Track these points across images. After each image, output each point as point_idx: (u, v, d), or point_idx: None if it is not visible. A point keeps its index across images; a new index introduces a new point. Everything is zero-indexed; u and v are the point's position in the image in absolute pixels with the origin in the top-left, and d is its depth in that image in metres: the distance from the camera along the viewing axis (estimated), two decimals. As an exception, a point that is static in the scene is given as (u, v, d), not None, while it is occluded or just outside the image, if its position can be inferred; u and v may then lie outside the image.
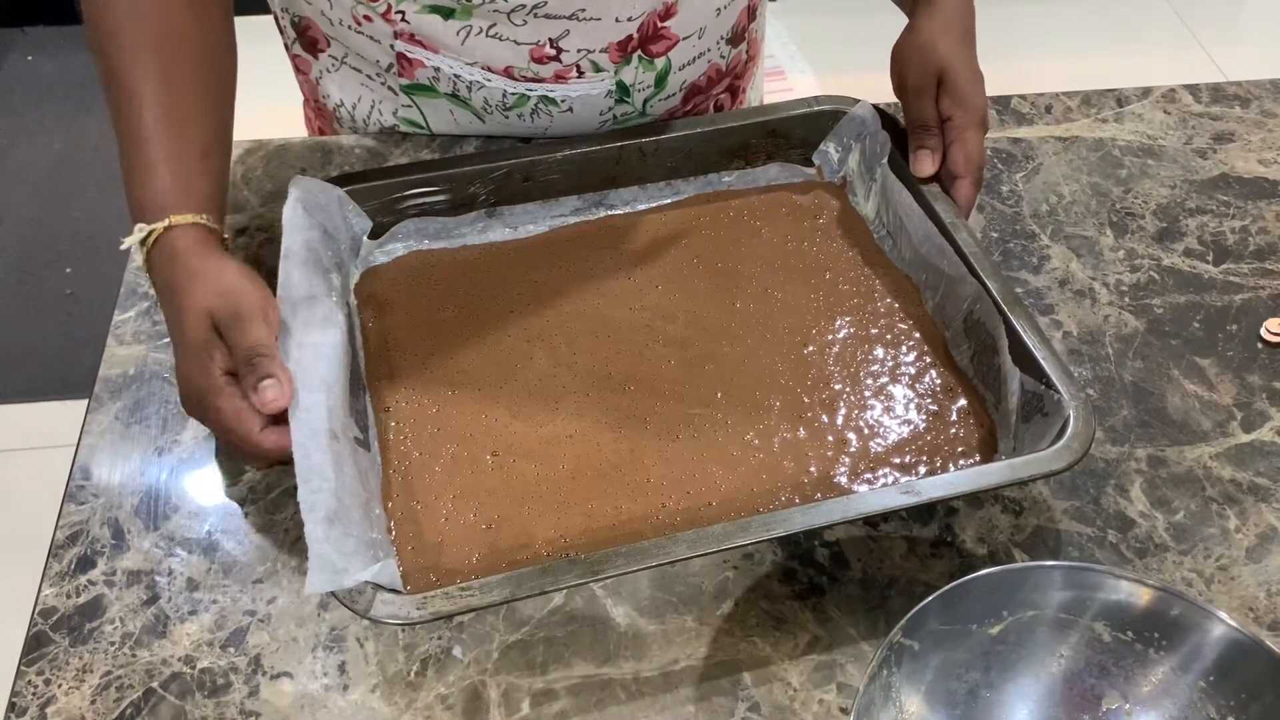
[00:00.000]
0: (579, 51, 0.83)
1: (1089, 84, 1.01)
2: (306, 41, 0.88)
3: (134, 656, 0.62)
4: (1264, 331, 0.80)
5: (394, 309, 0.76)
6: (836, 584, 0.66)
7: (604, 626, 0.64)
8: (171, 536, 0.67)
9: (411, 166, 0.82)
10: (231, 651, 0.62)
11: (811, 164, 0.87)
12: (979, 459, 0.69)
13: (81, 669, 0.61)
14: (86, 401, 0.73)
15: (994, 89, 1.01)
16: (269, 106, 1.39)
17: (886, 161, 0.81)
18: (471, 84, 0.84)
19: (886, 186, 0.81)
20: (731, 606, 0.65)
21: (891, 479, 0.68)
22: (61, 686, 0.61)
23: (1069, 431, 0.64)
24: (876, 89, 0.86)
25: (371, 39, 0.83)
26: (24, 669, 0.61)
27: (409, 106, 0.88)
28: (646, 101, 0.89)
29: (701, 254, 0.81)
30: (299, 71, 0.93)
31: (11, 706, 0.60)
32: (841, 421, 0.71)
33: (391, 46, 0.83)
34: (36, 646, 0.62)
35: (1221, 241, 0.87)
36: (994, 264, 0.73)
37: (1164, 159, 0.94)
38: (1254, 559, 0.68)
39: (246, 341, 0.61)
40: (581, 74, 0.84)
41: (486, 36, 0.81)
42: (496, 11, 0.79)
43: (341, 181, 0.77)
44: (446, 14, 0.80)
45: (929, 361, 0.74)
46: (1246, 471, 0.72)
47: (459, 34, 0.81)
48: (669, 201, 0.85)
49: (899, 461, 0.69)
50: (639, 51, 0.84)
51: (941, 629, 0.57)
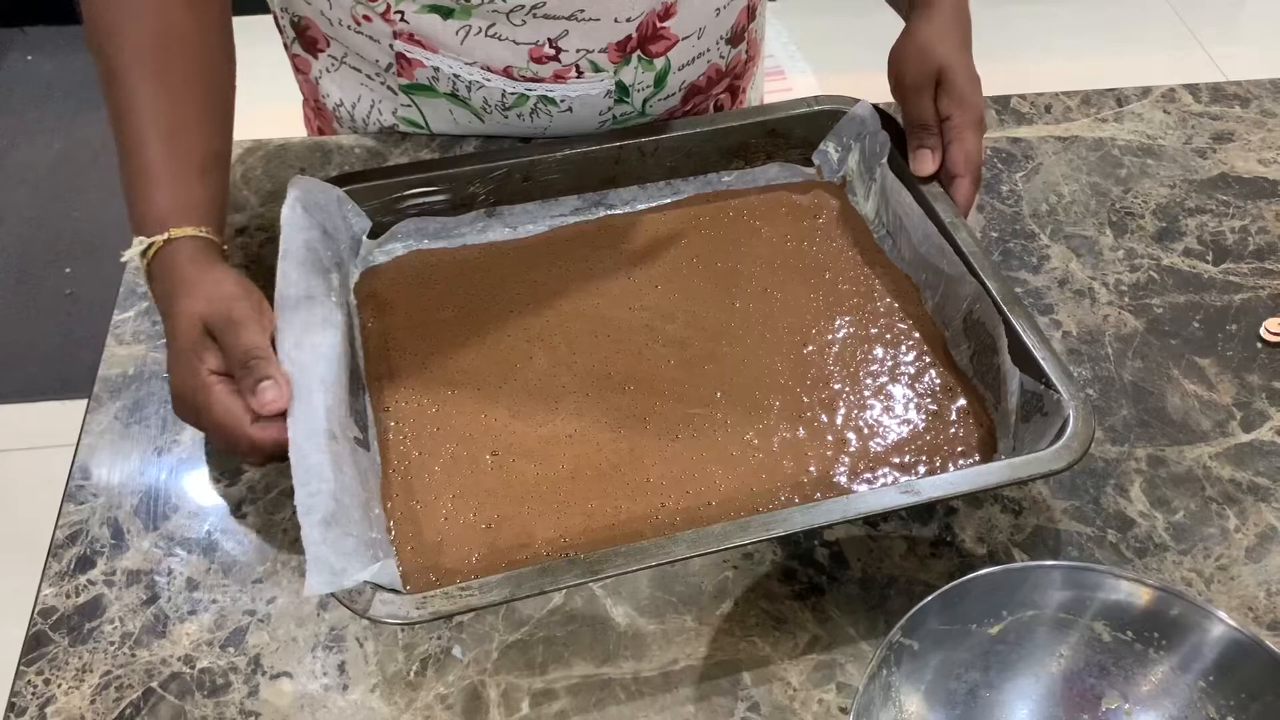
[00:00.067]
0: (578, 51, 0.83)
1: (1089, 84, 1.01)
2: (306, 41, 0.88)
3: (133, 656, 0.62)
4: (1264, 331, 0.80)
5: (393, 308, 0.76)
6: (836, 584, 0.66)
7: (604, 626, 0.64)
8: (171, 536, 0.67)
9: (411, 166, 0.82)
10: (231, 651, 0.62)
11: (811, 164, 0.87)
12: (978, 459, 0.69)
13: (81, 669, 0.61)
14: (86, 401, 0.73)
15: (993, 89, 1.01)
16: (269, 106, 1.39)
17: (886, 161, 0.81)
18: (471, 84, 0.84)
19: (886, 186, 0.81)
20: (731, 606, 0.65)
21: (891, 479, 0.68)
22: (61, 686, 0.61)
23: (1068, 431, 0.64)
24: (876, 89, 0.86)
25: (371, 39, 0.83)
26: (23, 669, 0.61)
27: (408, 106, 0.88)
28: (646, 101, 0.89)
29: (701, 254, 0.81)
30: (298, 71, 0.93)
31: (11, 706, 0.60)
32: (841, 421, 0.70)
33: (391, 46, 0.83)
34: (36, 646, 0.62)
35: (1221, 241, 0.87)
36: (994, 264, 0.73)
37: (1164, 159, 0.94)
38: (1253, 559, 0.68)
39: (242, 345, 0.61)
40: (581, 74, 0.84)
41: (486, 36, 0.81)
42: (495, 11, 0.79)
43: (341, 181, 0.77)
44: (445, 14, 0.80)
45: (928, 361, 0.74)
46: (1246, 471, 0.72)
47: (458, 34, 0.81)
48: (668, 201, 0.85)
49: (898, 461, 0.68)
50: (638, 51, 0.84)
51: (941, 629, 0.57)
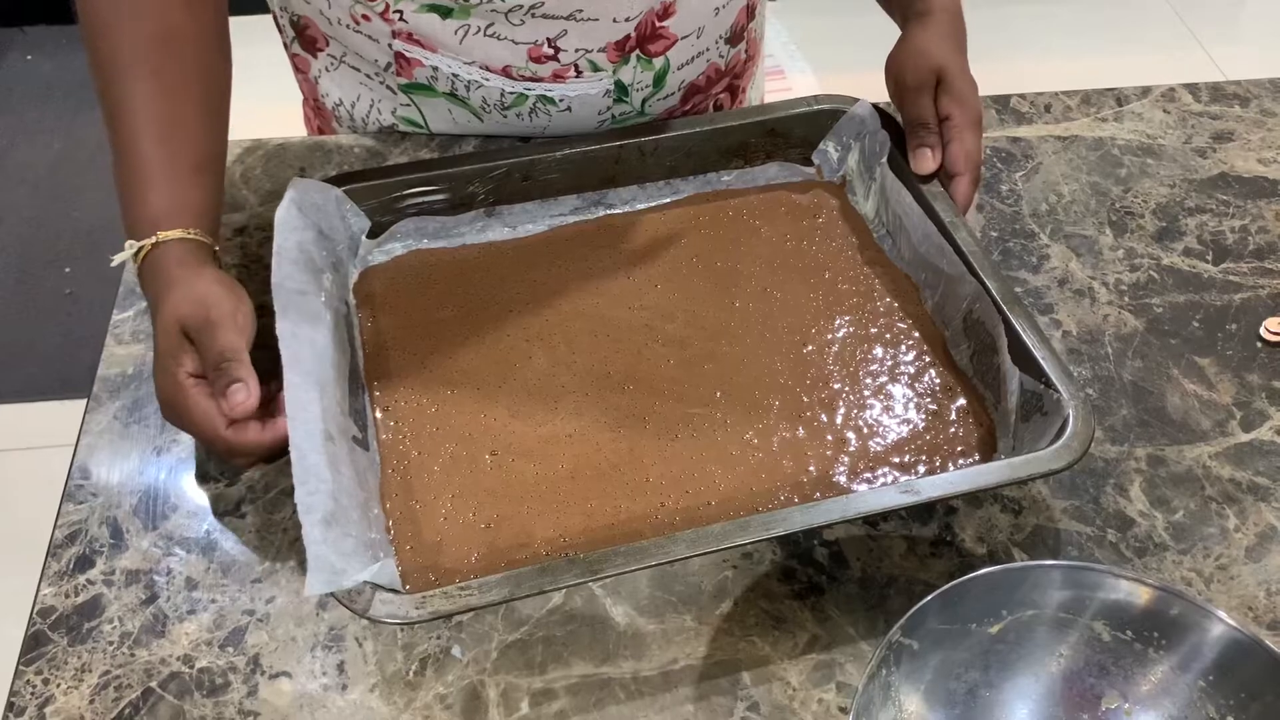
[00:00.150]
0: (577, 51, 0.83)
1: (1089, 84, 1.01)
2: (305, 40, 0.88)
3: (132, 656, 0.62)
4: (1263, 331, 0.80)
5: (393, 308, 0.76)
6: (836, 583, 0.66)
7: (603, 626, 0.64)
8: (170, 536, 0.67)
9: (410, 166, 0.81)
10: (230, 651, 0.62)
11: (811, 163, 0.87)
12: (978, 458, 0.69)
13: (80, 669, 0.61)
14: (85, 401, 0.73)
15: (993, 89, 1.01)
16: (268, 106, 1.39)
17: (886, 161, 0.81)
18: (470, 83, 0.84)
19: (886, 186, 0.81)
20: (731, 606, 0.65)
21: (891, 478, 0.67)
22: (60, 686, 0.61)
23: (1068, 431, 0.64)
24: (876, 89, 0.86)
25: (370, 38, 0.83)
26: (22, 669, 0.61)
27: (407, 105, 0.88)
28: (645, 101, 0.89)
29: (700, 253, 0.81)
30: (298, 70, 0.93)
31: (10, 706, 0.60)
32: (841, 421, 0.70)
33: (390, 45, 0.83)
34: (35, 646, 0.62)
35: (1221, 241, 0.87)
36: (993, 263, 0.73)
37: (1163, 158, 0.94)
38: (1253, 558, 0.68)
39: (216, 347, 0.62)
40: (580, 73, 0.84)
41: (484, 36, 0.81)
42: (494, 11, 0.79)
43: (340, 181, 0.77)
44: (444, 13, 0.80)
45: (928, 361, 0.74)
46: (1246, 471, 0.72)
47: (457, 33, 0.81)
48: (668, 201, 0.84)
49: (898, 461, 0.68)
50: (637, 51, 0.84)
51: (941, 628, 0.57)
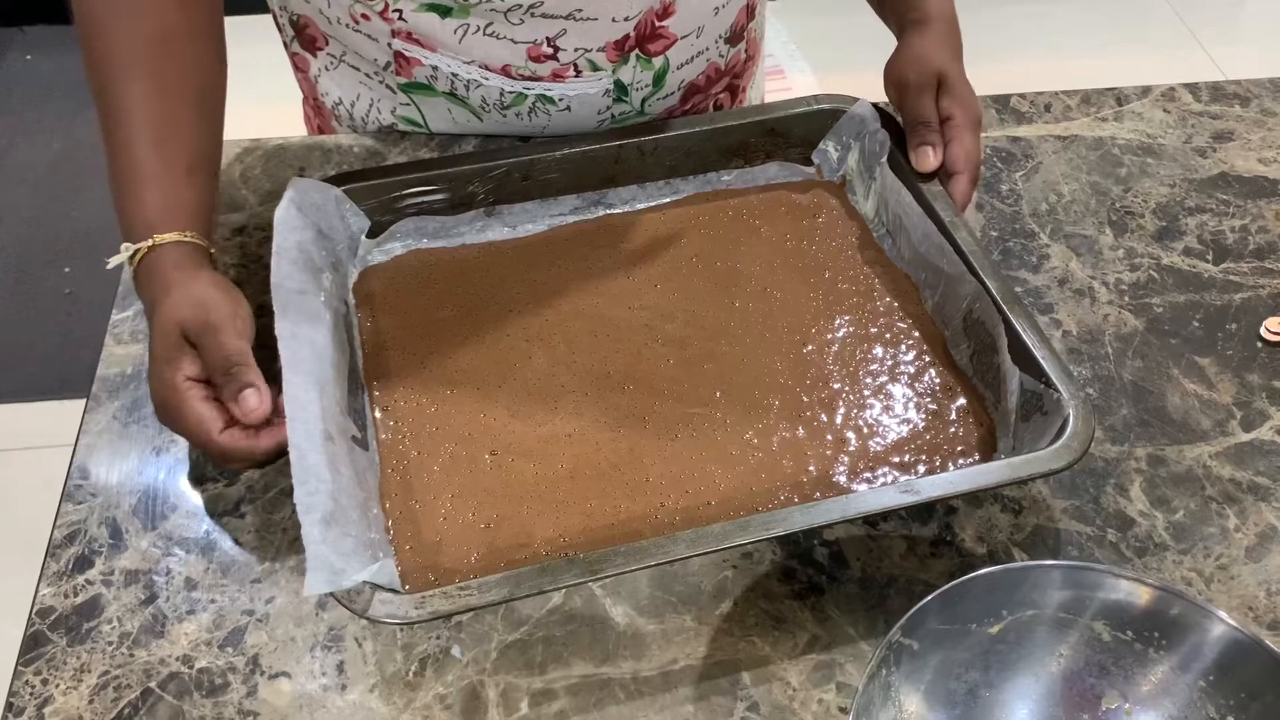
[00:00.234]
0: (576, 50, 0.83)
1: (1089, 83, 1.01)
2: (305, 40, 0.88)
3: (132, 656, 0.62)
4: (1264, 330, 0.80)
5: (392, 308, 0.76)
6: (836, 583, 0.66)
7: (603, 626, 0.64)
8: (169, 536, 0.67)
9: (410, 165, 0.81)
10: (230, 651, 0.62)
11: (811, 163, 0.87)
12: (978, 458, 0.68)
13: (79, 669, 0.61)
14: (85, 401, 0.73)
15: (993, 88, 1.01)
16: (267, 105, 1.39)
17: (886, 160, 0.81)
18: (469, 82, 0.84)
19: (886, 185, 0.81)
20: (730, 606, 0.64)
21: (891, 478, 0.67)
22: (59, 686, 0.61)
23: (1068, 430, 0.63)
24: (876, 89, 0.86)
25: (369, 37, 0.83)
26: (21, 669, 0.61)
27: (407, 105, 0.88)
28: (645, 100, 0.89)
29: (700, 253, 0.81)
30: (297, 70, 0.93)
31: (9, 706, 0.60)
32: (841, 420, 0.70)
33: (389, 45, 0.83)
34: (34, 646, 0.62)
35: (1221, 240, 0.87)
36: (993, 263, 0.73)
37: (1163, 158, 0.94)
38: (1253, 558, 0.68)
39: (222, 351, 0.62)
40: (579, 73, 0.84)
41: (484, 35, 0.81)
42: (494, 10, 0.79)
43: (339, 180, 0.77)
44: (444, 12, 0.80)
45: (928, 360, 0.74)
46: (1246, 471, 0.72)
47: (456, 32, 0.81)
48: (668, 200, 0.84)
49: (898, 460, 0.68)
50: (636, 50, 0.84)
51: (941, 628, 0.57)
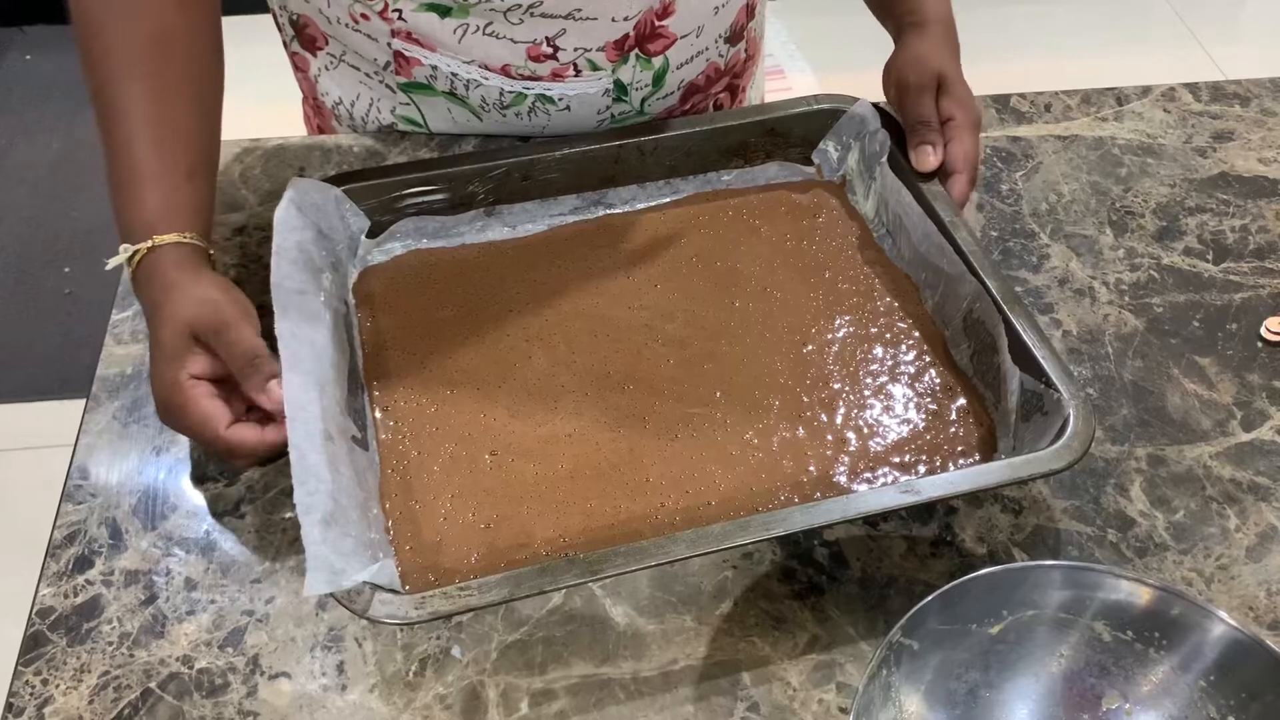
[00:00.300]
0: (576, 50, 0.83)
1: (1089, 83, 1.01)
2: (305, 39, 0.88)
3: (132, 656, 0.62)
4: (1264, 330, 0.80)
5: (392, 308, 0.76)
6: (836, 583, 0.66)
7: (603, 626, 0.63)
8: (169, 536, 0.67)
9: (410, 165, 0.81)
10: (229, 651, 0.62)
11: (811, 163, 0.87)
12: (978, 458, 0.68)
13: (79, 669, 0.61)
14: (84, 401, 0.73)
15: (993, 88, 1.01)
16: (267, 105, 1.39)
17: (886, 160, 0.81)
18: (469, 82, 0.84)
19: (886, 185, 0.81)
20: (730, 606, 0.64)
21: (891, 478, 0.67)
22: (59, 687, 0.61)
23: (1069, 430, 0.63)
24: (876, 89, 0.86)
25: (369, 37, 0.83)
26: (21, 669, 0.61)
27: (407, 104, 0.88)
28: (644, 100, 0.89)
29: (700, 253, 0.81)
30: (297, 69, 0.93)
31: (9, 707, 0.60)
32: (841, 421, 0.70)
33: (389, 44, 0.83)
34: (34, 646, 0.62)
35: (1221, 240, 0.87)
36: (993, 263, 0.73)
37: (1164, 158, 0.94)
38: (1254, 558, 0.68)
39: (242, 346, 0.63)
40: (579, 72, 0.84)
41: (483, 35, 0.81)
42: (493, 10, 0.79)
43: (339, 180, 0.77)
44: (443, 12, 0.80)
45: (928, 360, 0.74)
46: (1246, 471, 0.72)
47: (456, 32, 0.81)
48: (668, 200, 0.84)
49: (898, 461, 0.68)
50: (636, 50, 0.84)
51: (941, 628, 0.57)
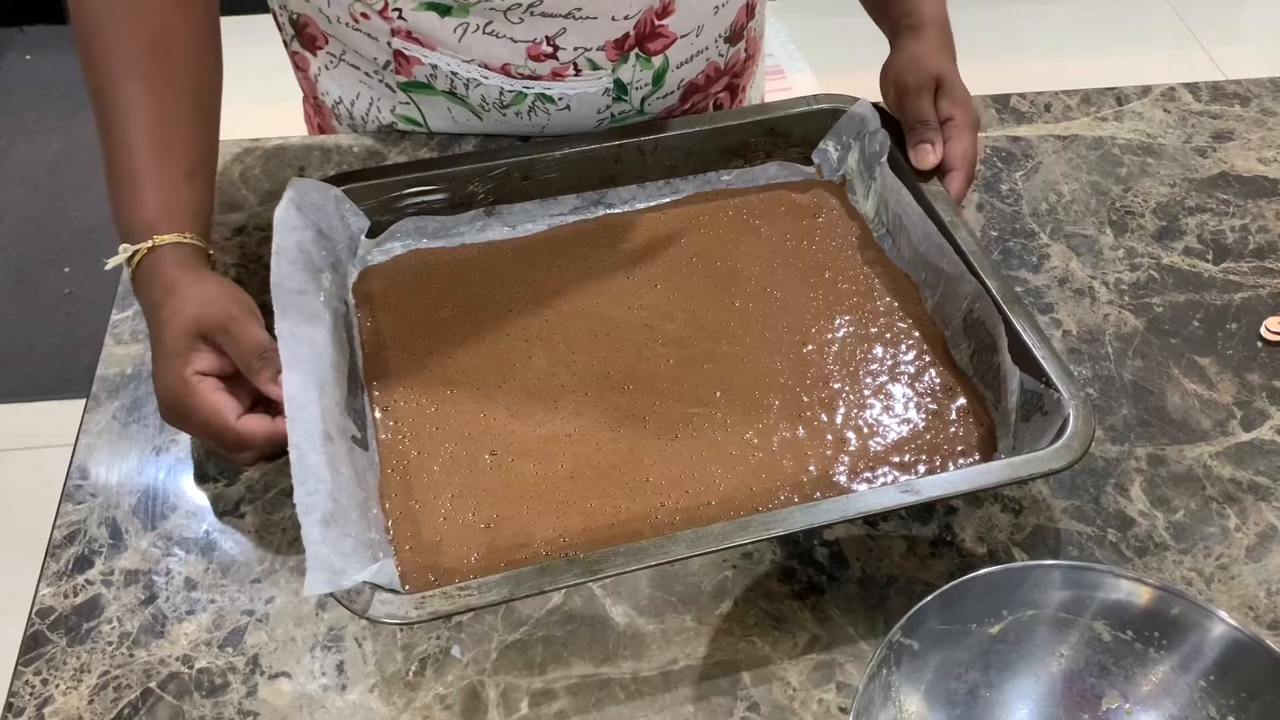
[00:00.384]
0: (576, 49, 0.83)
1: (1089, 83, 1.01)
2: (305, 38, 0.88)
3: (131, 656, 0.62)
4: (1264, 330, 0.80)
5: (392, 308, 0.76)
6: (836, 583, 0.66)
7: (603, 626, 0.63)
8: (169, 536, 0.67)
9: (410, 165, 0.81)
10: (229, 651, 0.62)
11: (811, 163, 0.87)
12: (978, 458, 0.68)
13: (79, 669, 0.61)
14: (84, 401, 0.73)
15: (993, 88, 1.01)
16: (267, 105, 1.39)
17: (886, 160, 0.81)
18: (469, 81, 0.84)
19: (886, 185, 0.81)
20: (730, 606, 0.64)
21: (891, 478, 0.67)
22: (59, 687, 0.61)
23: (1069, 430, 0.63)
24: (875, 88, 0.86)
25: (369, 36, 0.83)
26: (21, 669, 0.61)
27: (407, 104, 0.88)
28: (644, 100, 0.89)
29: (700, 253, 0.81)
30: (297, 69, 0.93)
31: (9, 707, 0.60)
32: (841, 420, 0.70)
33: (389, 44, 0.83)
34: (34, 646, 0.62)
35: (1221, 240, 0.87)
36: (993, 263, 0.73)
37: (1164, 157, 0.94)
38: (1254, 558, 0.68)
39: (251, 341, 0.63)
40: (579, 72, 0.84)
41: (483, 34, 0.81)
42: (493, 9, 0.79)
43: (339, 180, 0.77)
44: (443, 11, 0.80)
45: (928, 360, 0.74)
46: (1246, 470, 0.72)
47: (456, 31, 0.81)
48: (668, 200, 0.84)
49: (898, 460, 0.68)
50: (636, 49, 0.84)
51: (941, 628, 0.57)
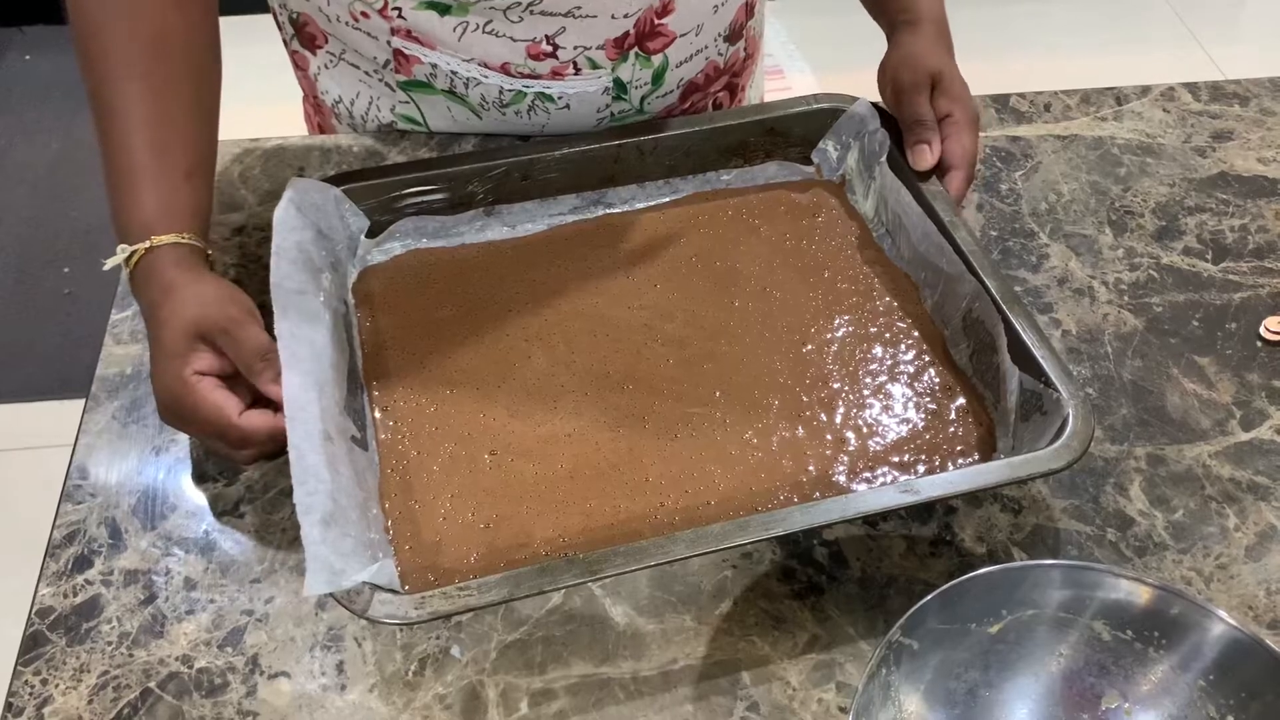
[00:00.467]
0: (575, 48, 0.83)
1: (1089, 83, 1.01)
2: (304, 38, 0.88)
3: (131, 656, 0.62)
4: (1263, 330, 0.80)
5: (392, 308, 0.76)
6: (835, 583, 0.66)
7: (602, 626, 0.63)
8: (169, 536, 0.67)
9: (409, 165, 0.81)
10: (229, 651, 0.62)
11: (810, 162, 0.87)
12: (978, 458, 0.68)
13: (79, 669, 0.61)
14: (84, 401, 0.73)
15: (993, 88, 1.01)
16: (267, 105, 1.39)
17: (885, 160, 0.81)
18: (468, 80, 0.84)
19: (885, 185, 0.81)
20: (730, 606, 0.64)
21: (890, 478, 0.67)
22: (59, 686, 0.61)
23: (1068, 430, 0.63)
24: (875, 88, 0.86)
25: (369, 35, 0.83)
26: (21, 669, 0.61)
27: (406, 103, 0.88)
28: (644, 99, 0.89)
29: (700, 252, 0.81)
30: (297, 68, 0.93)
31: (8, 707, 0.60)
32: (840, 420, 0.70)
33: (388, 43, 0.83)
34: (33, 646, 0.62)
35: (1220, 240, 0.87)
36: (993, 262, 0.73)
37: (1163, 157, 0.94)
38: (1253, 557, 0.68)
39: (252, 343, 0.63)
40: (578, 71, 0.84)
41: (483, 33, 0.81)
42: (493, 8, 0.79)
43: (339, 180, 0.77)
44: (443, 10, 0.80)
45: (928, 360, 0.74)
46: (1246, 470, 0.72)
47: (455, 30, 0.81)
48: (667, 200, 0.84)
49: (898, 460, 0.68)
50: (636, 48, 0.84)
51: (940, 628, 0.57)
